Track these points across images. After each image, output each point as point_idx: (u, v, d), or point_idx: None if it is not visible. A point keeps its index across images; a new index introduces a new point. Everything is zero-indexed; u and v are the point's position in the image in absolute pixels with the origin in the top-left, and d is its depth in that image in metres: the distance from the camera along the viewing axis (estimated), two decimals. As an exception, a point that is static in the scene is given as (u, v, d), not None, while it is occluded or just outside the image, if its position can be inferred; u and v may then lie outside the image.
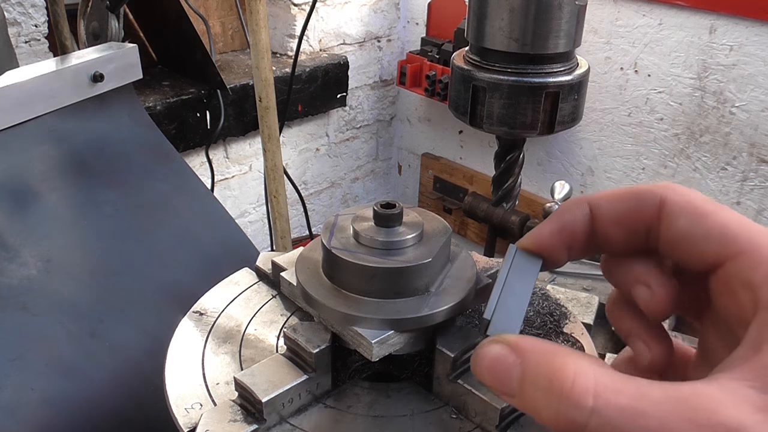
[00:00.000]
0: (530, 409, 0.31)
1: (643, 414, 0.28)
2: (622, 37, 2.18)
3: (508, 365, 0.32)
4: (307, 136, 2.63)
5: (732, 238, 0.33)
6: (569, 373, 0.30)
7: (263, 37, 1.67)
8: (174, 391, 0.46)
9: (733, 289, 0.33)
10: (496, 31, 0.73)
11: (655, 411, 0.28)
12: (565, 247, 0.39)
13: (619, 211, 0.37)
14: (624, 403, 0.29)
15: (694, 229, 0.34)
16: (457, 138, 2.77)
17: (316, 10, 2.44)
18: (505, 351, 0.33)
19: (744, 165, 2.03)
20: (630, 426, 0.28)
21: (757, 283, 0.31)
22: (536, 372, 0.31)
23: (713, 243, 0.34)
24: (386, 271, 0.43)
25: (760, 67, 1.92)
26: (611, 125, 2.29)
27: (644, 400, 0.28)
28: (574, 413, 0.29)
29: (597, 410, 0.29)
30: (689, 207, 0.35)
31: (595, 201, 0.38)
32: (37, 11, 1.83)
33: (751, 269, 0.32)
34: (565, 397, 0.29)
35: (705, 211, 0.34)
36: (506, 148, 1.02)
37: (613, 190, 0.38)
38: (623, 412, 0.28)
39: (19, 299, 0.64)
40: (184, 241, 0.82)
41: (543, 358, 0.31)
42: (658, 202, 0.36)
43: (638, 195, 0.37)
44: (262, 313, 0.55)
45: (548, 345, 0.32)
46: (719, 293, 0.34)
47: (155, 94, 1.98)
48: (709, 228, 0.34)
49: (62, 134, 0.81)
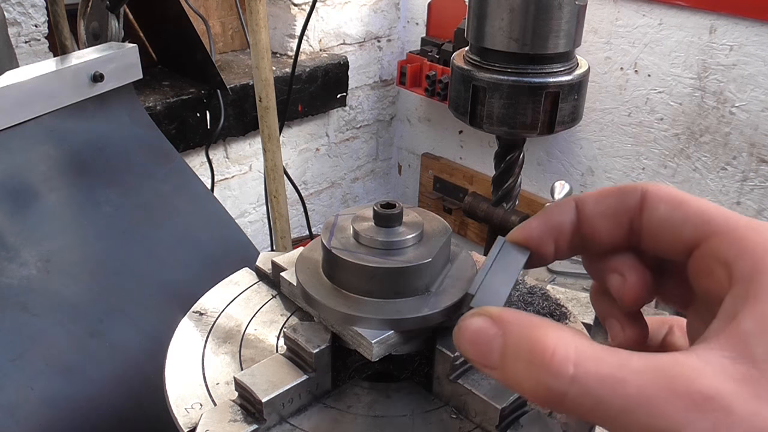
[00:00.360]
0: (511, 381, 0.32)
1: (622, 382, 0.29)
2: (622, 37, 2.18)
3: (490, 337, 0.33)
4: (307, 136, 2.63)
5: (707, 220, 0.35)
6: (549, 343, 0.30)
7: (263, 37, 1.67)
8: (174, 391, 0.46)
9: (710, 268, 0.34)
10: (496, 31, 0.73)
11: (634, 380, 0.29)
12: (552, 240, 0.40)
13: (604, 206, 0.39)
14: (604, 372, 0.29)
15: (673, 215, 0.36)
16: (457, 138, 2.77)
17: (316, 10, 2.44)
18: (488, 323, 0.33)
19: (744, 165, 2.03)
20: (609, 394, 0.29)
21: (731, 259, 0.32)
22: (517, 343, 0.32)
23: (690, 226, 0.35)
24: (386, 271, 0.43)
25: (760, 67, 1.92)
26: (611, 125, 2.29)
27: (624, 370, 0.29)
28: (555, 382, 0.29)
29: (577, 379, 0.29)
30: (668, 196, 0.37)
31: (581, 198, 0.40)
32: (37, 11, 1.83)
33: (726, 246, 0.33)
34: (545, 366, 0.30)
35: (683, 199, 0.36)
36: (506, 148, 1.02)
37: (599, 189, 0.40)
38: (603, 380, 0.29)
39: (19, 299, 0.64)
40: (184, 241, 0.82)
41: (524, 330, 0.32)
42: (639, 195, 0.38)
43: (621, 189, 0.39)
44: (262, 313, 0.55)
45: (531, 317, 0.33)
46: (698, 275, 0.35)
47: (155, 94, 1.98)
48: (686, 213, 0.36)
49: (62, 134, 0.81)
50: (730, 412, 0.27)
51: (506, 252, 0.41)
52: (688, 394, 0.28)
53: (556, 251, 0.41)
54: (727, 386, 0.28)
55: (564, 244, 0.40)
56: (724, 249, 0.33)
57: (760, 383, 0.28)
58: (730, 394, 0.28)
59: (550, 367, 0.30)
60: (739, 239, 0.33)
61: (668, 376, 0.28)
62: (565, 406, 0.30)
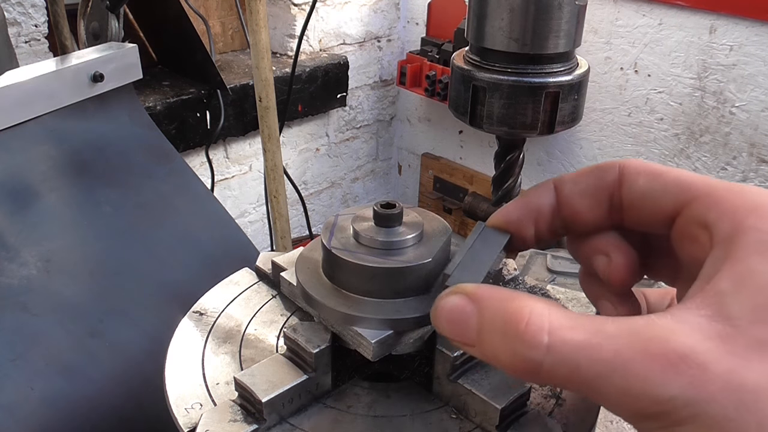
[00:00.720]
0: (489, 356, 0.32)
1: (597, 347, 0.29)
2: (622, 37, 2.18)
3: (467, 314, 0.33)
4: (307, 136, 2.63)
5: (687, 186, 0.35)
6: (524, 314, 0.30)
7: (263, 37, 1.67)
8: (174, 391, 0.46)
9: (693, 234, 0.34)
10: (496, 31, 0.73)
11: (609, 344, 0.29)
12: (532, 223, 0.40)
13: (582, 184, 0.39)
14: (579, 339, 0.29)
15: (652, 185, 0.36)
16: (457, 138, 2.78)
17: (316, 10, 2.44)
18: (463, 301, 0.33)
19: (744, 165, 2.03)
20: (585, 360, 0.29)
21: (711, 221, 0.32)
22: (492, 317, 0.32)
23: (670, 194, 0.35)
24: (386, 271, 0.43)
25: (760, 67, 1.92)
26: (611, 125, 2.29)
27: (599, 335, 0.29)
28: (530, 353, 0.30)
29: (552, 347, 0.29)
30: (646, 169, 0.37)
31: (560, 179, 0.40)
32: (37, 11, 1.83)
33: (707, 209, 0.33)
34: (520, 337, 0.30)
35: (661, 170, 0.36)
36: (506, 148, 1.02)
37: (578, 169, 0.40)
38: (578, 347, 0.29)
39: (19, 299, 0.64)
40: (184, 241, 0.82)
41: (499, 304, 0.32)
42: (617, 171, 0.38)
43: (599, 167, 0.39)
44: (262, 313, 0.55)
45: (506, 291, 0.33)
46: (682, 242, 0.35)
47: (155, 94, 1.98)
48: (665, 182, 0.36)
49: (62, 134, 0.81)
50: (706, 370, 0.27)
51: (486, 235, 0.41)
52: (663, 354, 0.28)
53: (537, 233, 0.41)
54: (702, 345, 0.28)
55: (544, 226, 0.40)
56: (705, 212, 0.33)
57: (736, 340, 0.28)
58: (705, 351, 0.28)
59: (525, 338, 0.30)
60: (718, 201, 0.33)
61: (643, 338, 0.28)
62: (543, 377, 0.30)
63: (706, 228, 0.33)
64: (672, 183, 0.35)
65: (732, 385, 0.27)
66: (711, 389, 0.27)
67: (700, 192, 0.34)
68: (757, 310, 0.28)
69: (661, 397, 0.27)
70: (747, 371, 0.27)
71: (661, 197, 0.36)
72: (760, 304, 0.28)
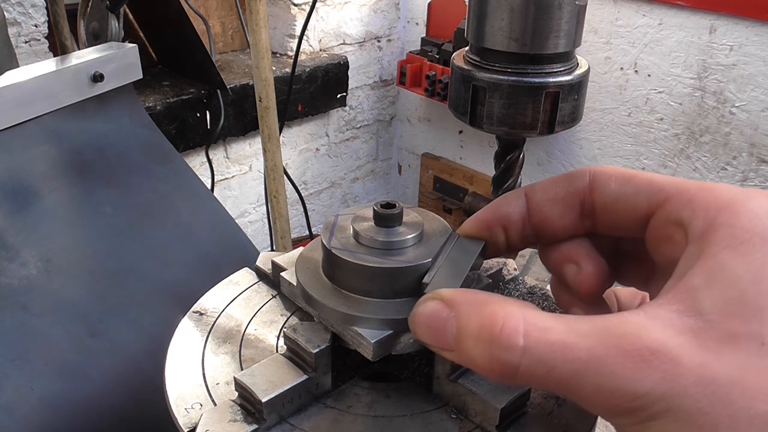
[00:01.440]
0: (467, 361, 0.32)
1: (572, 347, 0.29)
2: (622, 37, 2.18)
3: (444, 320, 0.33)
4: (307, 136, 2.63)
5: (659, 187, 0.35)
6: (498, 318, 0.31)
7: (263, 37, 1.67)
8: (174, 391, 0.46)
9: (667, 233, 0.34)
10: (496, 31, 0.73)
11: (583, 342, 0.29)
12: (501, 228, 0.41)
13: (552, 192, 0.40)
14: (553, 339, 0.29)
15: (624, 189, 0.36)
16: (457, 138, 2.78)
17: (316, 10, 2.44)
18: (440, 306, 0.34)
19: (744, 165, 2.03)
20: (560, 360, 0.29)
21: (686, 219, 0.33)
22: (468, 322, 0.32)
23: (643, 196, 0.36)
24: (386, 271, 0.43)
25: (760, 67, 1.92)
26: (611, 125, 2.29)
27: (572, 334, 0.29)
28: (506, 355, 0.30)
29: (528, 349, 0.30)
30: (617, 173, 0.37)
31: (530, 186, 0.41)
32: (37, 11, 1.83)
33: (681, 208, 0.33)
34: (496, 341, 0.30)
35: (632, 173, 0.37)
36: (506, 148, 1.01)
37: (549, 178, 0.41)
38: (552, 347, 0.29)
39: (19, 299, 0.64)
40: (184, 241, 0.82)
41: (474, 309, 0.32)
42: (588, 177, 0.38)
43: (569, 174, 0.39)
44: (262, 313, 0.55)
45: (482, 295, 0.33)
46: (657, 243, 0.36)
47: (155, 94, 1.98)
48: (637, 185, 0.36)
49: (62, 134, 0.81)
50: (678, 365, 0.28)
51: (461, 243, 0.42)
52: (635, 350, 0.28)
53: (508, 241, 0.41)
54: (674, 340, 0.28)
55: (515, 234, 0.41)
56: (679, 210, 0.33)
57: (707, 334, 0.28)
58: (677, 346, 0.28)
59: (500, 341, 0.30)
60: (692, 200, 0.33)
61: (616, 335, 0.29)
62: (520, 378, 0.30)
63: (681, 226, 0.33)
64: (644, 185, 0.36)
65: (704, 379, 0.27)
66: (684, 383, 0.27)
67: (673, 192, 0.34)
68: (729, 304, 0.28)
69: (635, 392, 0.28)
70: (719, 365, 0.27)
71: (634, 199, 0.36)
72: (732, 299, 0.29)
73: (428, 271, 0.40)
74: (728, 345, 0.28)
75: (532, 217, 0.40)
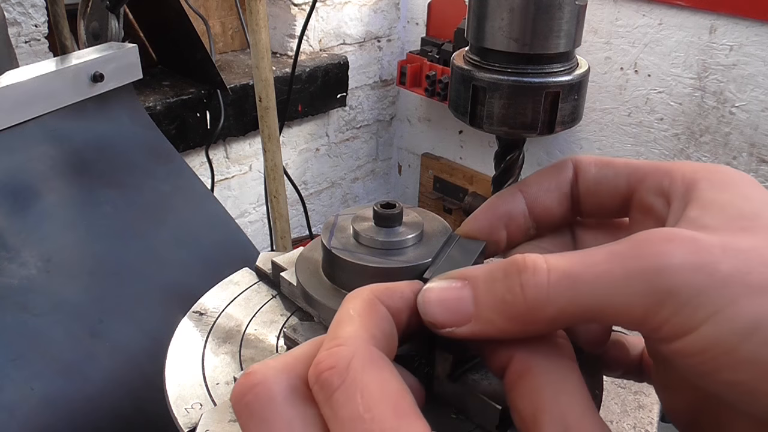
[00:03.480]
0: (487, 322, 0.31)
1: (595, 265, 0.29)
2: (622, 37, 2.18)
3: (458, 290, 0.32)
4: (307, 136, 2.63)
5: (636, 168, 0.38)
6: (521, 258, 0.31)
7: (263, 37, 1.67)
8: (174, 391, 0.46)
9: (650, 205, 0.36)
10: (496, 31, 0.73)
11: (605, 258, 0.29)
12: (502, 227, 0.41)
13: (545, 183, 0.41)
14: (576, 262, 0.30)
15: (604, 172, 0.39)
16: (457, 138, 2.78)
17: (316, 10, 2.45)
18: (451, 282, 0.33)
19: (744, 165, 2.03)
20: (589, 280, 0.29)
21: (666, 186, 0.35)
22: (493, 275, 0.31)
23: (622, 177, 0.38)
24: (386, 271, 0.43)
25: (760, 67, 1.92)
26: (611, 125, 2.30)
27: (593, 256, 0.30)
28: (534, 279, 0.30)
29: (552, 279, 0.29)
30: (597, 159, 0.40)
31: (522, 182, 0.42)
32: (37, 11, 1.83)
33: (660, 179, 0.36)
34: (522, 270, 0.30)
35: (609, 159, 0.40)
36: (506, 148, 1.02)
37: None
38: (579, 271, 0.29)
39: (19, 299, 0.64)
40: (184, 241, 0.82)
41: (494, 266, 0.32)
42: (571, 165, 0.41)
43: (554, 165, 0.41)
44: (262, 313, 0.55)
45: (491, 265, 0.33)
46: (641, 216, 0.37)
47: (155, 94, 1.98)
48: (616, 168, 0.39)
49: (62, 134, 0.81)
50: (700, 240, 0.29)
51: (462, 244, 0.42)
52: (657, 240, 0.29)
53: (509, 237, 0.42)
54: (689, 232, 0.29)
55: (516, 230, 0.41)
56: (659, 181, 0.36)
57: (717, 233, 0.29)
58: (693, 233, 0.29)
59: (526, 269, 0.30)
60: (669, 171, 0.35)
61: (634, 241, 0.29)
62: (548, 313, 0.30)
63: (662, 194, 0.35)
64: (622, 168, 0.39)
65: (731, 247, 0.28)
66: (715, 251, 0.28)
67: (651, 169, 0.37)
68: (730, 220, 0.30)
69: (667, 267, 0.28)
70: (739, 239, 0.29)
71: (614, 181, 0.39)
72: (732, 216, 0.30)
73: (427, 270, 0.41)
74: (740, 234, 0.29)
75: (532, 210, 0.41)
